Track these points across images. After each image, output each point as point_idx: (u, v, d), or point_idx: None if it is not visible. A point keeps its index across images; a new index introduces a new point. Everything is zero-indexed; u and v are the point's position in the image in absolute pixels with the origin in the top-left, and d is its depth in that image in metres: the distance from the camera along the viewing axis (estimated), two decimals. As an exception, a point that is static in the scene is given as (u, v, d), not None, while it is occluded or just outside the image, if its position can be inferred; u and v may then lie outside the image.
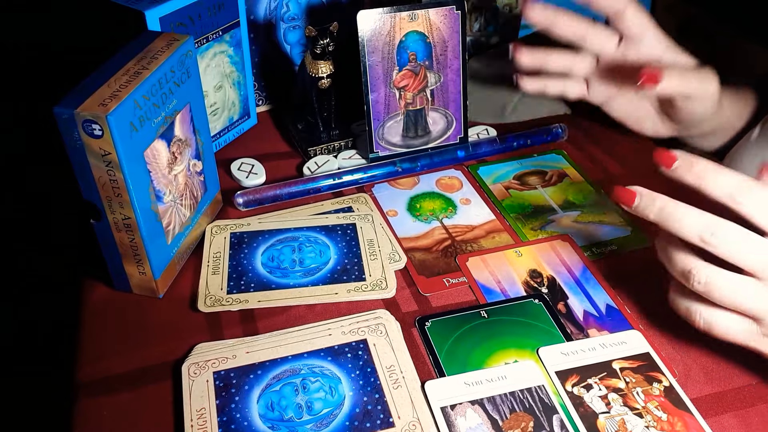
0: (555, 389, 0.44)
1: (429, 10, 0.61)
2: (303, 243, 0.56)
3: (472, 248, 0.56)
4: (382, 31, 0.60)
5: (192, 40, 0.51)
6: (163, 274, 0.51)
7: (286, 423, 0.42)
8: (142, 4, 0.56)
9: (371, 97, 0.62)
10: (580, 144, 0.70)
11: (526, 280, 0.53)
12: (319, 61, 0.63)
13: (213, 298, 0.50)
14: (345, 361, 0.46)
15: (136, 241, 0.48)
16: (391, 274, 0.53)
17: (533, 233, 0.58)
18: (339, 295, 0.51)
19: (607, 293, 0.52)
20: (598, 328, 0.49)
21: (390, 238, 0.57)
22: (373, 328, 0.48)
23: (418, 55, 0.62)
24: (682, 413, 0.42)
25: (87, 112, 0.42)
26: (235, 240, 0.56)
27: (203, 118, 0.55)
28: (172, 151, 0.50)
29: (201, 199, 0.56)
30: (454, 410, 0.42)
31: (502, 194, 0.63)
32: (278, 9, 0.70)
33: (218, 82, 0.66)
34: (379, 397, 0.43)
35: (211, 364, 0.45)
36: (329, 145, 0.67)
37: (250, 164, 0.65)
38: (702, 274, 0.40)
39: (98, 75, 0.45)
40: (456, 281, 0.53)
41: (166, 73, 0.48)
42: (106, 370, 0.46)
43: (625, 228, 0.58)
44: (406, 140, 0.65)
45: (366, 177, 0.63)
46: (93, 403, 0.44)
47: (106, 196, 0.46)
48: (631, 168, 0.67)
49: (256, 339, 0.47)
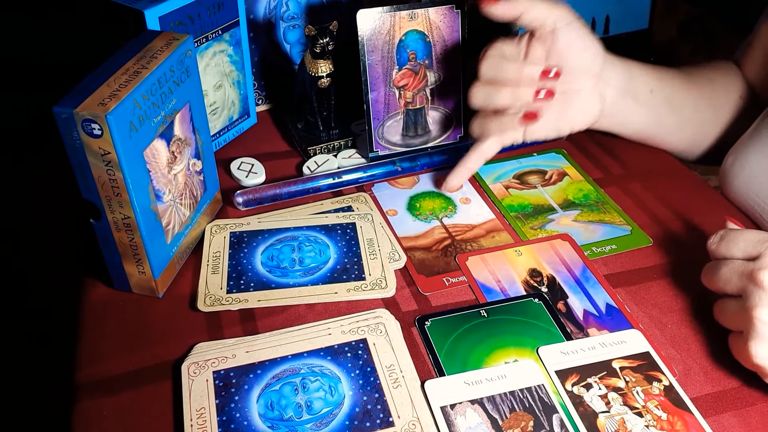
0: (555, 388, 0.44)
1: (429, 9, 0.61)
2: (303, 242, 0.56)
3: (471, 247, 0.56)
4: (381, 30, 0.60)
5: (191, 39, 0.51)
6: (163, 274, 0.51)
7: (285, 422, 0.42)
8: (142, 3, 0.56)
9: (371, 96, 0.62)
10: (580, 143, 0.70)
11: (525, 279, 0.53)
12: (319, 61, 0.63)
13: (213, 297, 0.50)
14: (345, 361, 0.46)
15: (136, 240, 0.48)
16: (390, 273, 0.53)
17: (533, 232, 0.58)
18: (339, 294, 0.51)
19: (607, 292, 0.52)
20: (598, 327, 0.49)
21: (390, 237, 0.57)
22: (373, 327, 0.48)
23: (417, 54, 0.62)
24: (682, 412, 0.42)
25: (86, 111, 0.42)
26: (235, 239, 0.56)
27: (203, 118, 0.55)
28: (172, 150, 0.50)
29: (200, 199, 0.56)
30: (453, 410, 0.42)
31: (502, 193, 0.63)
32: (278, 8, 0.70)
33: (218, 81, 0.66)
34: (378, 397, 0.43)
35: (211, 364, 0.45)
36: (329, 145, 0.67)
37: (250, 164, 0.65)
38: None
39: (98, 74, 0.45)
40: (456, 280, 0.53)
41: (165, 72, 0.48)
42: (106, 370, 0.46)
43: (625, 227, 0.58)
44: (406, 139, 0.65)
45: (366, 176, 0.63)
46: (93, 404, 0.44)
47: (106, 196, 0.46)
48: (631, 168, 0.67)
49: (255, 338, 0.47)
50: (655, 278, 0.53)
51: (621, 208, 0.61)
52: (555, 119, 0.57)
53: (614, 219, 0.59)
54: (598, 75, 0.57)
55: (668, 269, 0.54)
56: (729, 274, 0.44)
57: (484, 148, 0.59)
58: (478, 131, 0.58)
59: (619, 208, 0.61)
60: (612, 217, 0.60)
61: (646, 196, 0.62)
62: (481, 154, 0.60)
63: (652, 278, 0.53)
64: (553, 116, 0.57)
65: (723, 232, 0.46)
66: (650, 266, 0.55)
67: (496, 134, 0.58)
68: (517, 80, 0.54)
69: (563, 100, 0.56)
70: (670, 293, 0.52)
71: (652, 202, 0.61)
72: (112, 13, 0.57)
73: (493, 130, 0.57)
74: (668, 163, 0.67)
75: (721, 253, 0.46)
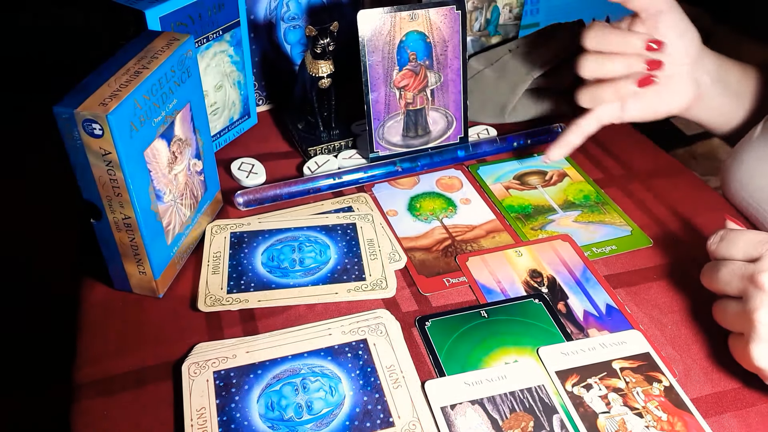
0: (555, 389, 0.44)
1: (429, 9, 0.61)
2: (303, 243, 0.56)
3: (472, 248, 0.56)
4: (382, 30, 0.60)
5: (192, 39, 0.51)
6: (163, 274, 0.51)
7: (286, 423, 0.42)
8: (143, 3, 0.56)
9: (371, 96, 0.62)
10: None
11: (526, 279, 0.53)
12: (319, 61, 0.63)
13: (213, 297, 0.50)
14: (345, 361, 0.46)
15: (136, 240, 0.48)
16: (391, 273, 0.53)
17: (533, 233, 0.58)
18: (339, 294, 0.51)
19: (607, 293, 0.52)
20: (598, 327, 0.49)
21: (390, 237, 0.57)
22: (373, 327, 0.48)
23: (418, 55, 0.62)
24: (682, 413, 0.42)
25: (87, 111, 0.42)
26: (235, 240, 0.56)
27: (203, 118, 0.55)
28: (173, 150, 0.50)
29: (201, 199, 0.56)
30: (454, 410, 0.42)
31: (503, 194, 0.63)
32: (278, 9, 0.70)
33: (218, 81, 0.66)
34: (379, 397, 0.43)
35: (211, 364, 0.45)
36: (329, 145, 0.67)
37: (250, 164, 0.65)
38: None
39: (98, 74, 0.45)
40: (456, 281, 0.53)
41: (166, 72, 0.48)
42: (106, 370, 0.46)
43: (626, 228, 0.58)
44: (406, 140, 0.65)
45: (366, 177, 0.63)
46: (93, 404, 0.44)
47: (106, 196, 0.46)
48: (631, 168, 0.67)
49: (256, 338, 0.47)
50: (655, 279, 0.53)
51: (621, 208, 0.61)
52: (652, 100, 0.60)
53: (614, 220, 0.59)
54: (695, 61, 0.59)
55: (668, 270, 0.54)
56: (729, 276, 0.44)
57: (582, 125, 0.61)
58: (590, 100, 0.59)
59: (619, 208, 0.61)
60: (612, 217, 0.60)
61: (646, 196, 0.62)
62: (580, 131, 0.61)
63: (652, 279, 0.53)
64: (651, 97, 0.59)
65: (723, 232, 0.46)
66: (650, 267, 0.55)
67: (610, 101, 0.59)
68: (623, 50, 0.56)
69: (662, 82, 0.58)
70: (670, 294, 0.52)
71: (652, 203, 0.62)
72: (112, 13, 0.57)
73: (608, 97, 0.58)
74: (668, 163, 0.68)
75: (721, 253, 0.46)
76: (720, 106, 0.64)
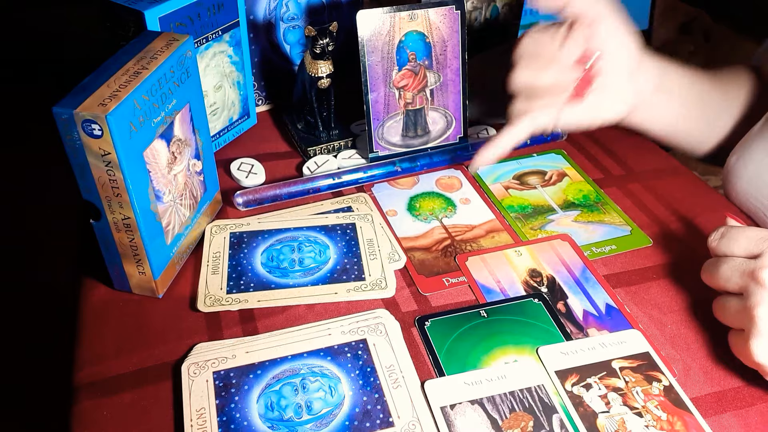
0: (555, 389, 0.44)
1: (428, 9, 0.61)
2: (302, 243, 0.56)
3: (471, 248, 0.56)
4: (381, 30, 0.60)
5: (191, 39, 0.51)
6: (163, 274, 0.51)
7: (285, 423, 0.42)
8: (142, 3, 0.56)
9: (371, 96, 0.62)
10: (580, 144, 0.70)
11: (525, 279, 0.53)
12: (319, 61, 0.63)
13: (212, 297, 0.50)
14: (345, 361, 0.46)
15: (136, 241, 0.48)
16: (390, 273, 0.53)
17: (533, 233, 0.58)
18: (338, 294, 0.51)
19: (607, 293, 0.52)
20: (597, 327, 0.49)
21: (389, 237, 0.57)
22: (373, 327, 0.48)
23: (417, 55, 0.62)
24: (681, 413, 0.42)
25: (86, 112, 0.42)
26: (235, 240, 0.56)
27: (203, 118, 0.55)
28: (172, 150, 0.50)
29: (200, 199, 0.56)
30: (453, 410, 0.42)
31: (502, 194, 0.63)
32: (278, 9, 0.70)
33: (218, 82, 0.66)
34: (378, 397, 0.43)
35: (211, 364, 0.45)
36: (329, 145, 0.67)
37: (250, 164, 0.65)
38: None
39: (98, 75, 0.45)
40: (456, 281, 0.53)
41: (165, 72, 0.48)
42: (106, 371, 0.46)
43: (625, 228, 0.58)
44: (406, 140, 0.65)
45: (365, 177, 0.63)
46: (93, 404, 0.44)
47: (106, 196, 0.46)
48: (631, 168, 0.67)
49: (255, 339, 0.47)
50: (654, 278, 0.53)
51: (621, 208, 0.61)
52: (587, 109, 0.58)
53: (614, 219, 0.59)
54: (634, 69, 0.58)
55: (668, 269, 0.54)
56: (730, 272, 0.44)
57: (514, 131, 0.59)
58: (520, 110, 0.59)
59: (618, 208, 0.61)
60: (612, 217, 0.60)
61: (645, 196, 0.62)
62: (512, 136, 0.60)
63: (652, 278, 0.53)
64: (587, 106, 0.58)
65: (724, 229, 0.46)
66: (650, 266, 0.55)
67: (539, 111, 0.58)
68: (555, 60, 0.55)
69: (598, 91, 0.57)
70: (670, 293, 0.52)
71: (652, 203, 0.62)
72: (112, 13, 0.57)
73: (537, 108, 0.57)
74: (668, 163, 0.68)
75: (722, 250, 0.46)
76: (664, 114, 0.62)
